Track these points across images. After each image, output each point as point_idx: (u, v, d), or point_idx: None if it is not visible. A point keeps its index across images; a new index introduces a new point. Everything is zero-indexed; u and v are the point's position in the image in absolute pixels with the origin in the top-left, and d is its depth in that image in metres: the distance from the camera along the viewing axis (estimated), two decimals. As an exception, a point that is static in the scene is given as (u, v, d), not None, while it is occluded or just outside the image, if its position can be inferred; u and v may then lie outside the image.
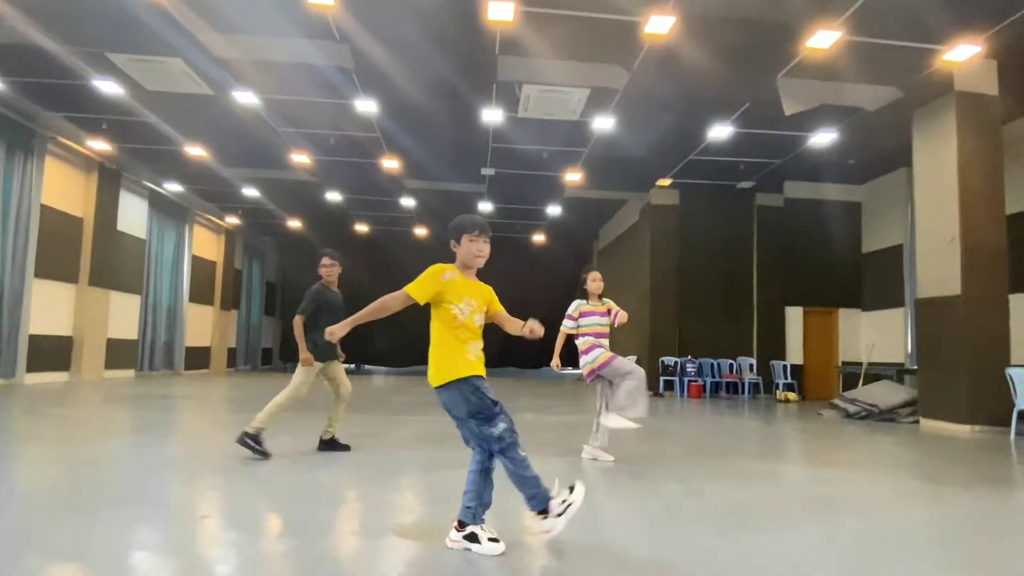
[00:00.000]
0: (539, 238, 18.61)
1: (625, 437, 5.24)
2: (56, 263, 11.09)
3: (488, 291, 2.63)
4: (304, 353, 4.35)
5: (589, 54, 7.16)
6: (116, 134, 10.46)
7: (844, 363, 12.91)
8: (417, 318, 2.72)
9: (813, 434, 7.08)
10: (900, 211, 11.81)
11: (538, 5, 6.16)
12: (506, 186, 12.86)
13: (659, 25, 6.27)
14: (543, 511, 2.44)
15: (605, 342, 4.69)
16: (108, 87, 8.48)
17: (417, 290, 2.43)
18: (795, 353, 13.02)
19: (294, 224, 17.59)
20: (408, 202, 14.53)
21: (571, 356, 4.81)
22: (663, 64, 7.13)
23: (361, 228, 17.74)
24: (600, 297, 4.77)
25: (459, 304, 2.45)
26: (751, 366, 12.74)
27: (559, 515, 2.41)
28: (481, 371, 2.46)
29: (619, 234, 16.16)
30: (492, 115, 8.96)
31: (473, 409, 2.39)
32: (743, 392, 12.50)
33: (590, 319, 4.67)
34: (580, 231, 17.87)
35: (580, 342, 4.69)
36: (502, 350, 20.08)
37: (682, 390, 12.27)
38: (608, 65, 7.41)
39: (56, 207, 11.06)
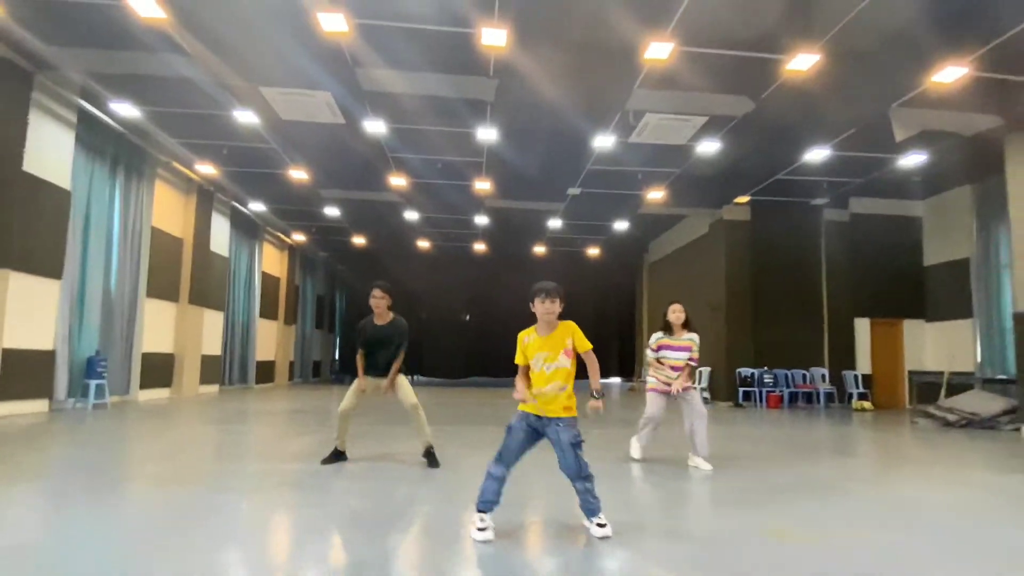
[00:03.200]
0: (593, 251, 19.08)
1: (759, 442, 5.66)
2: (162, 283, 11.51)
3: (563, 333, 3.12)
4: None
5: (721, 85, 7.65)
6: (229, 158, 10.92)
7: (912, 372, 13.35)
8: (467, 335, 3.38)
9: (929, 442, 7.50)
10: (964, 226, 12.30)
11: (692, 44, 6.66)
12: (584, 204, 13.34)
13: (802, 62, 6.77)
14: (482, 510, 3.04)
15: (673, 375, 5.00)
16: (245, 117, 8.95)
17: (517, 358, 3.21)
18: (864, 363, 13.45)
19: (358, 240, 18.03)
20: (481, 219, 14.99)
21: (622, 368, 5.14)
22: (790, 95, 7.63)
23: (423, 244, 18.18)
24: (684, 329, 5.02)
25: (531, 360, 3.14)
26: (823, 376, 13.17)
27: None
28: (529, 409, 3.11)
29: (678, 247, 16.63)
30: (604, 140, 9.45)
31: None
32: (818, 401, 12.91)
33: (666, 352, 5.02)
34: (631, 245, 18.36)
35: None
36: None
37: (760, 400, 12.68)
38: (734, 96, 7.90)
39: (162, 228, 11.49)
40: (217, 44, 6.95)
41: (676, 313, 5.04)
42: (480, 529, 2.93)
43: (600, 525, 3.01)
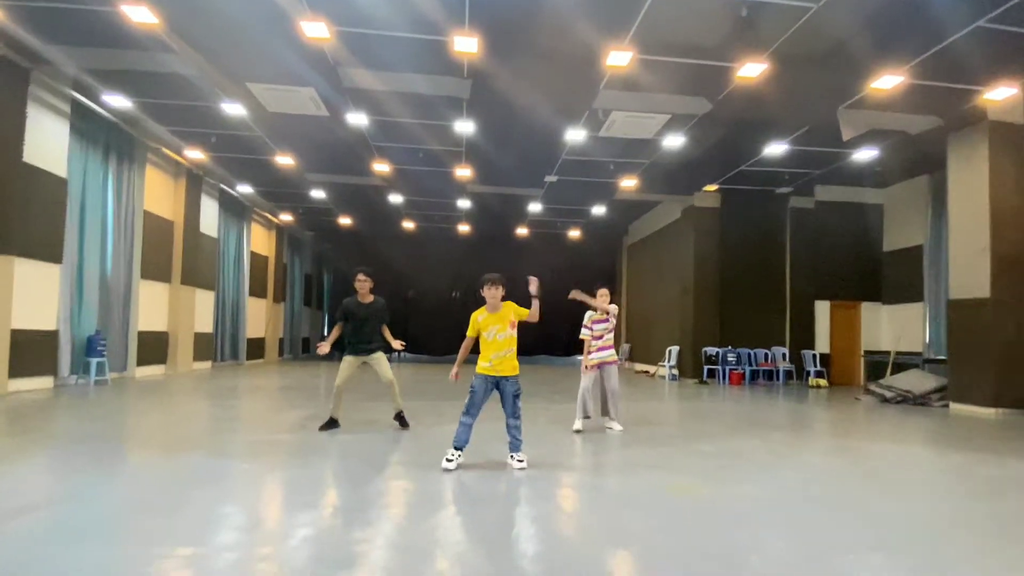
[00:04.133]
0: (574, 233, 19.69)
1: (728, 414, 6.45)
2: (155, 264, 12.00)
3: (508, 310, 4.35)
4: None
5: (679, 88, 8.21)
6: (218, 145, 11.33)
7: (866, 352, 14.25)
8: (449, 314, 5.54)
9: (864, 416, 8.34)
10: (920, 214, 13.03)
11: (650, 53, 7.20)
12: (562, 191, 13.90)
13: (751, 70, 7.34)
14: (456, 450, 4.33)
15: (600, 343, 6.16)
16: (233, 109, 9.37)
17: (469, 331, 4.41)
18: (822, 343, 14.31)
19: (344, 221, 18.48)
20: (464, 203, 15.51)
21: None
22: (744, 98, 8.21)
23: (408, 225, 18.68)
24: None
25: (485, 332, 4.33)
26: (784, 355, 14.03)
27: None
28: (486, 372, 4.30)
29: (654, 230, 17.29)
30: (575, 134, 9.99)
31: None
32: (777, 379, 13.79)
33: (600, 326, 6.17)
34: (612, 226, 18.98)
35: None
36: (535, 340, 21.36)
37: (724, 378, 13.54)
38: (694, 97, 8.47)
39: (154, 212, 11.94)
40: (206, 46, 7.38)
41: (605, 296, 6.18)
42: (448, 460, 4.20)
43: (519, 460, 4.28)
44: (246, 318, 16.72)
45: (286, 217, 18.42)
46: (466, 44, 6.93)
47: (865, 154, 10.84)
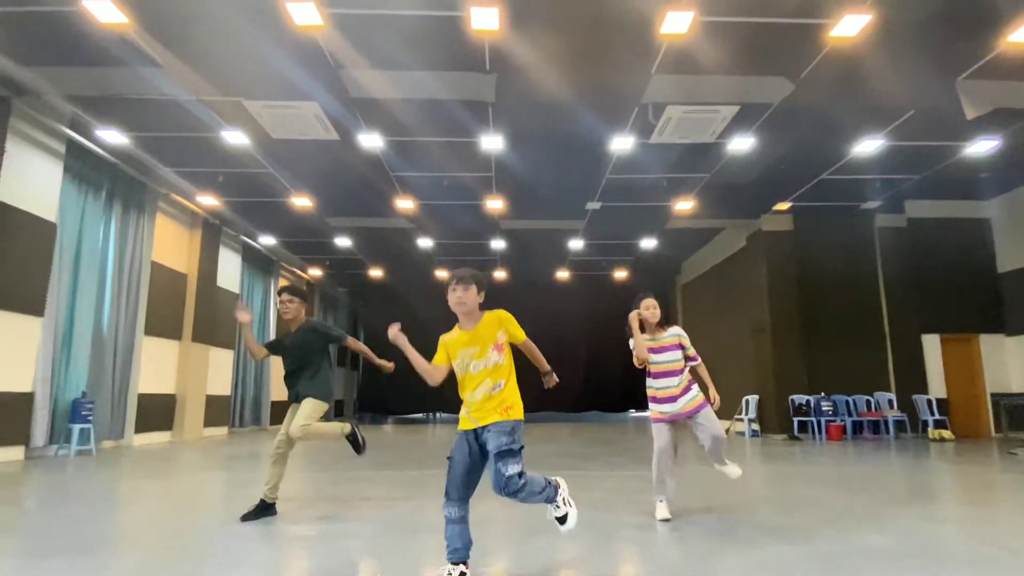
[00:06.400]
0: (620, 275, 17.95)
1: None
2: (163, 320, 10.96)
3: (491, 325, 2.63)
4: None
5: (752, 64, 6.65)
6: (228, 187, 10.44)
7: (995, 395, 11.61)
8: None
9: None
10: (1044, 226, 10.78)
11: (715, 14, 5.73)
12: (606, 221, 12.35)
13: (850, 26, 5.74)
14: None
15: (663, 383, 3.97)
16: (234, 137, 8.41)
17: (436, 357, 2.68)
18: (937, 385, 11.80)
19: (375, 273, 17.42)
20: (498, 244, 14.15)
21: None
22: (837, 71, 6.58)
23: (441, 274, 17.44)
24: (662, 327, 4.05)
25: (455, 360, 2.64)
26: (890, 402, 11.56)
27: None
28: (464, 425, 2.58)
29: (714, 264, 15.35)
30: (622, 143, 8.52)
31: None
32: (886, 431, 11.27)
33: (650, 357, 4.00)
34: (662, 265, 17.15)
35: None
36: (584, 393, 19.25)
37: (819, 431, 11.15)
38: (769, 77, 6.89)
39: (164, 264, 11.02)
40: (188, 51, 6.40)
41: (651, 309, 4.01)
42: None
43: (556, 507, 2.59)
44: (271, 380, 15.50)
45: (315, 272, 17.51)
46: (486, 18, 5.66)
47: (981, 146, 8.87)
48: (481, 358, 2.59)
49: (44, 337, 8.04)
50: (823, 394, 11.43)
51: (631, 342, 4.02)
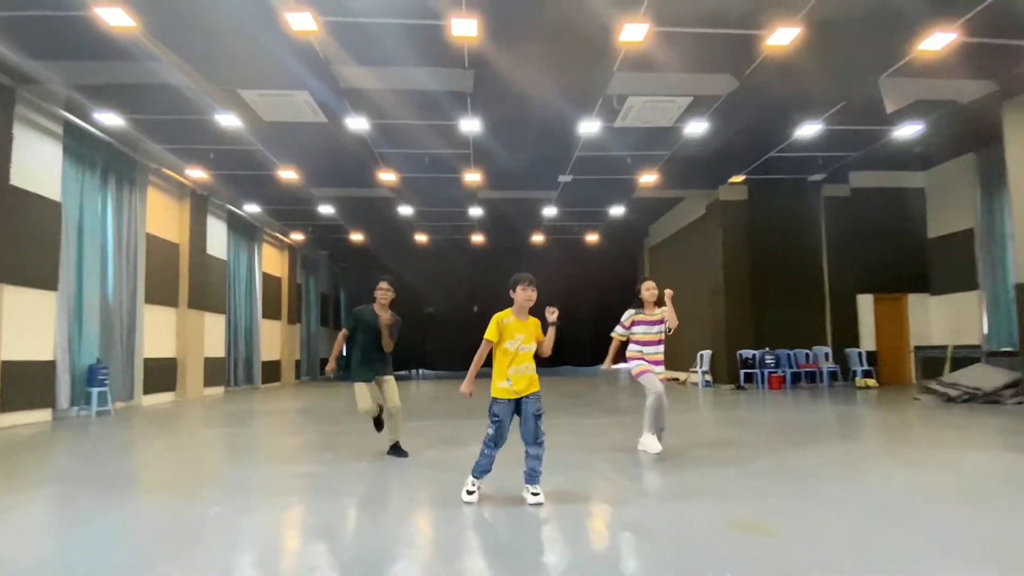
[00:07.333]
0: (592, 238, 18.95)
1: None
2: (160, 289, 11.61)
3: (535, 324, 3.64)
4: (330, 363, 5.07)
5: (702, 64, 7.49)
6: (218, 163, 10.94)
7: (917, 347, 13.15)
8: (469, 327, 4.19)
9: (932, 418, 7.38)
10: (967, 196, 12.00)
11: (667, 24, 6.51)
12: (578, 191, 13.22)
13: (783, 36, 6.60)
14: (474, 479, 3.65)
15: (651, 350, 4.98)
16: (228, 120, 8.94)
17: (489, 334, 3.56)
18: (868, 340, 13.27)
19: (355, 237, 18.06)
20: (476, 211, 14.92)
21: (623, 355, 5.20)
22: (774, 71, 7.46)
23: (421, 238, 18.17)
24: (656, 305, 5.03)
25: (507, 340, 3.54)
26: (827, 354, 13.01)
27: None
28: (507, 395, 3.53)
29: (677, 230, 16.45)
30: (589, 126, 9.32)
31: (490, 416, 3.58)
32: (821, 381, 12.78)
33: (640, 328, 5.01)
34: (631, 229, 18.18)
35: (629, 349, 5.10)
36: (558, 350, 20.57)
37: (762, 382, 12.58)
38: (717, 75, 7.74)
39: (158, 235, 11.58)
40: (189, 50, 6.93)
41: (651, 291, 5.04)
42: (469, 492, 3.58)
43: (534, 494, 3.52)
44: (260, 341, 16.30)
45: (297, 236, 18.07)
46: (465, 27, 6.34)
47: (908, 130, 9.93)
48: (529, 343, 3.56)
49: (59, 309, 8.73)
50: (767, 349, 12.82)
51: (628, 313, 5.02)
